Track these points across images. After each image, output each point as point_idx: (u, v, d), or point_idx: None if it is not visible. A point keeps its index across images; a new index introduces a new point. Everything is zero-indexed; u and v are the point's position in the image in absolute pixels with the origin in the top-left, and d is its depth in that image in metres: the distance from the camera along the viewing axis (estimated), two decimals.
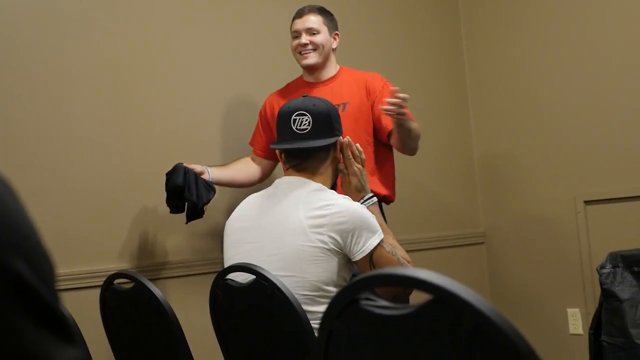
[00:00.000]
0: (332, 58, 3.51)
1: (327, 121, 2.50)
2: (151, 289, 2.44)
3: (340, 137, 2.57)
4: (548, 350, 4.19)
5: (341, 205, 2.38)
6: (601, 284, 3.37)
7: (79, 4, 3.43)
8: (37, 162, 3.27)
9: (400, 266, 2.39)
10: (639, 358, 3.13)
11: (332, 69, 3.52)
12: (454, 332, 1.07)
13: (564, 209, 4.25)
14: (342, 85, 3.46)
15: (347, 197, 2.47)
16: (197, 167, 3.33)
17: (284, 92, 3.53)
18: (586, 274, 4.11)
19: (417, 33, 4.55)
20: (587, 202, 4.15)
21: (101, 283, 2.70)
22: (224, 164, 3.56)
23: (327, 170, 2.54)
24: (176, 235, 3.55)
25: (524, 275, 4.46)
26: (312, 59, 3.43)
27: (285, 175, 2.58)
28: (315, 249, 2.34)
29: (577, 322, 4.20)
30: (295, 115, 2.48)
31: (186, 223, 3.32)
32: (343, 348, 1.22)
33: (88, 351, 2.34)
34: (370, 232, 2.38)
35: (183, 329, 2.42)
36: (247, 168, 3.55)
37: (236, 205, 2.69)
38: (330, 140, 2.51)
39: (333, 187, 2.58)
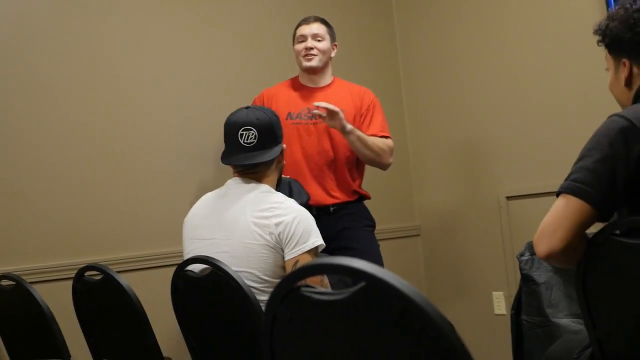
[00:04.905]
0: (329, 66, 3.51)
1: (271, 132, 2.49)
2: (118, 280, 2.42)
3: (283, 145, 2.56)
4: (476, 328, 4.24)
5: (285, 208, 2.38)
6: (521, 269, 3.41)
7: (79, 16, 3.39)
8: (17, 162, 3.22)
9: (321, 281, 2.35)
10: (553, 334, 3.17)
11: (328, 77, 3.51)
12: (384, 314, 1.07)
13: (488, 204, 4.29)
14: (337, 94, 3.46)
15: (292, 200, 2.46)
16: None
17: (280, 90, 3.51)
18: (508, 261, 4.16)
19: (353, 33, 4.46)
20: (508, 198, 4.19)
21: (73, 275, 2.66)
22: None
23: (273, 173, 2.54)
24: (141, 231, 3.51)
25: (455, 263, 4.50)
26: (315, 62, 3.42)
27: (234, 176, 2.56)
28: (259, 246, 2.33)
29: (500, 304, 4.24)
30: (242, 130, 2.46)
31: None
32: (286, 330, 1.22)
33: None
34: (303, 238, 2.37)
35: (148, 315, 2.40)
36: None
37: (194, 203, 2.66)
38: (276, 152, 2.51)
39: (279, 182, 2.59)
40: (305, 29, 3.45)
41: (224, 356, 2.39)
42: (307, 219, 2.40)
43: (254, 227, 2.34)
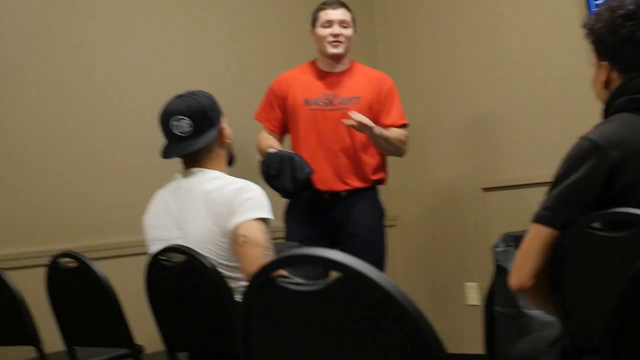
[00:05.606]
0: (349, 52, 3.48)
1: (204, 116, 2.42)
2: (93, 267, 2.41)
3: (222, 123, 2.49)
4: (449, 318, 4.27)
5: (232, 190, 2.33)
6: (495, 260, 3.44)
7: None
8: None
9: (265, 250, 2.28)
10: (526, 325, 3.20)
11: (346, 63, 3.49)
12: (360, 305, 1.08)
13: (464, 195, 4.31)
14: (356, 80, 3.45)
15: (242, 180, 2.40)
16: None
17: (296, 75, 3.49)
18: (482, 252, 4.18)
19: None
20: (484, 189, 4.22)
21: (46, 262, 2.64)
22: (269, 145, 3.42)
23: (218, 153, 2.48)
24: (116, 219, 3.50)
25: (430, 254, 4.52)
26: (341, 49, 3.40)
27: (184, 167, 2.51)
28: (219, 235, 2.31)
29: (474, 295, 4.28)
30: (174, 121, 2.40)
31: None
32: (262, 321, 1.22)
33: None
34: (244, 207, 2.29)
35: (121, 303, 2.39)
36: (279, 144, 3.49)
37: None
38: (213, 135, 2.44)
39: (231, 159, 2.54)
40: (332, 14, 3.41)
41: (196, 344, 2.39)
42: (253, 193, 2.33)
43: (208, 217, 2.32)
